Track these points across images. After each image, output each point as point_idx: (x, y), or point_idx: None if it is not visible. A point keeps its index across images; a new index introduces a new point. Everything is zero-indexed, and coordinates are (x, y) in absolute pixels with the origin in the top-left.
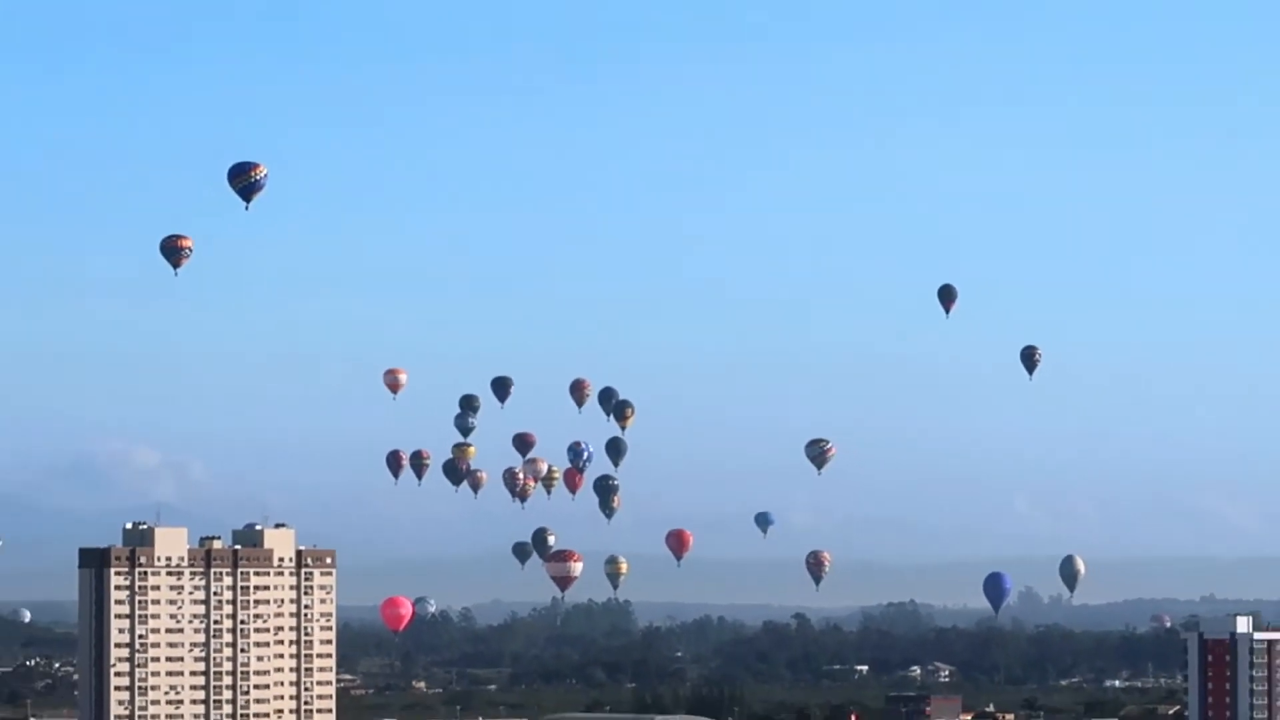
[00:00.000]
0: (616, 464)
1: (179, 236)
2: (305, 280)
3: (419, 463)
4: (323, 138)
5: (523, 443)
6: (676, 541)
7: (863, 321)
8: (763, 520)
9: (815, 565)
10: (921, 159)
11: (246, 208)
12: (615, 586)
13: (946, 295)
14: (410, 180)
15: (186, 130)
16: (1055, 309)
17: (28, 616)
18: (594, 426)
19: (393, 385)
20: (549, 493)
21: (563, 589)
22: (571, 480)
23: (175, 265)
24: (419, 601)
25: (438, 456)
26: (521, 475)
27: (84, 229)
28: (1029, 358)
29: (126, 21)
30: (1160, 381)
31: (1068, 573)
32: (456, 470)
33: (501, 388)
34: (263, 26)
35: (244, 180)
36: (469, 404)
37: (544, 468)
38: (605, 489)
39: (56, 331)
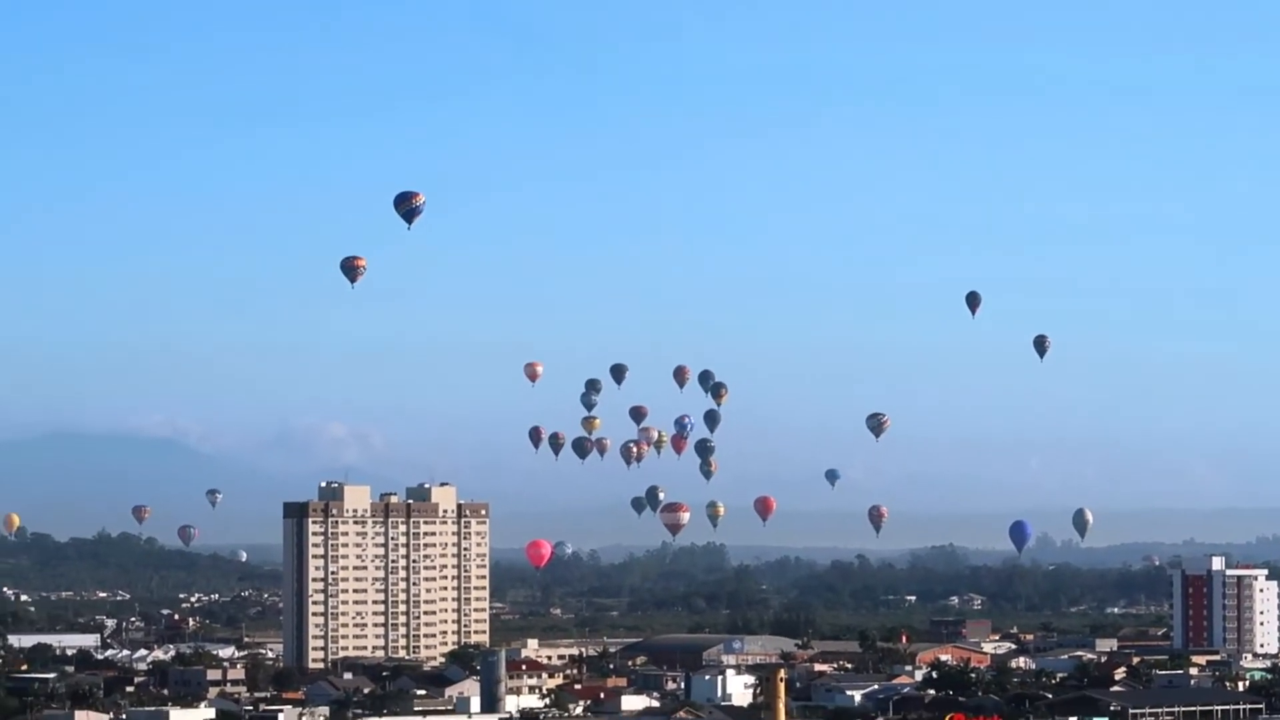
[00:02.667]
0: (713, 431)
1: (355, 257)
2: (458, 286)
3: (556, 442)
4: (468, 171)
5: (638, 414)
6: (763, 506)
7: (914, 317)
8: (831, 475)
9: (876, 517)
10: (970, 184)
11: (408, 228)
12: (714, 526)
13: (973, 300)
14: (535, 205)
15: (365, 167)
16: (1061, 304)
17: (245, 556)
18: (695, 402)
19: (531, 375)
20: (659, 453)
21: (673, 534)
22: (677, 444)
23: (352, 280)
24: (559, 545)
25: (569, 431)
26: (638, 441)
27: (283, 246)
28: (1040, 345)
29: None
30: (1150, 364)
31: (1079, 522)
32: (584, 448)
33: (618, 373)
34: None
35: (406, 206)
36: (592, 386)
37: (655, 434)
38: (704, 449)
39: (265, 332)
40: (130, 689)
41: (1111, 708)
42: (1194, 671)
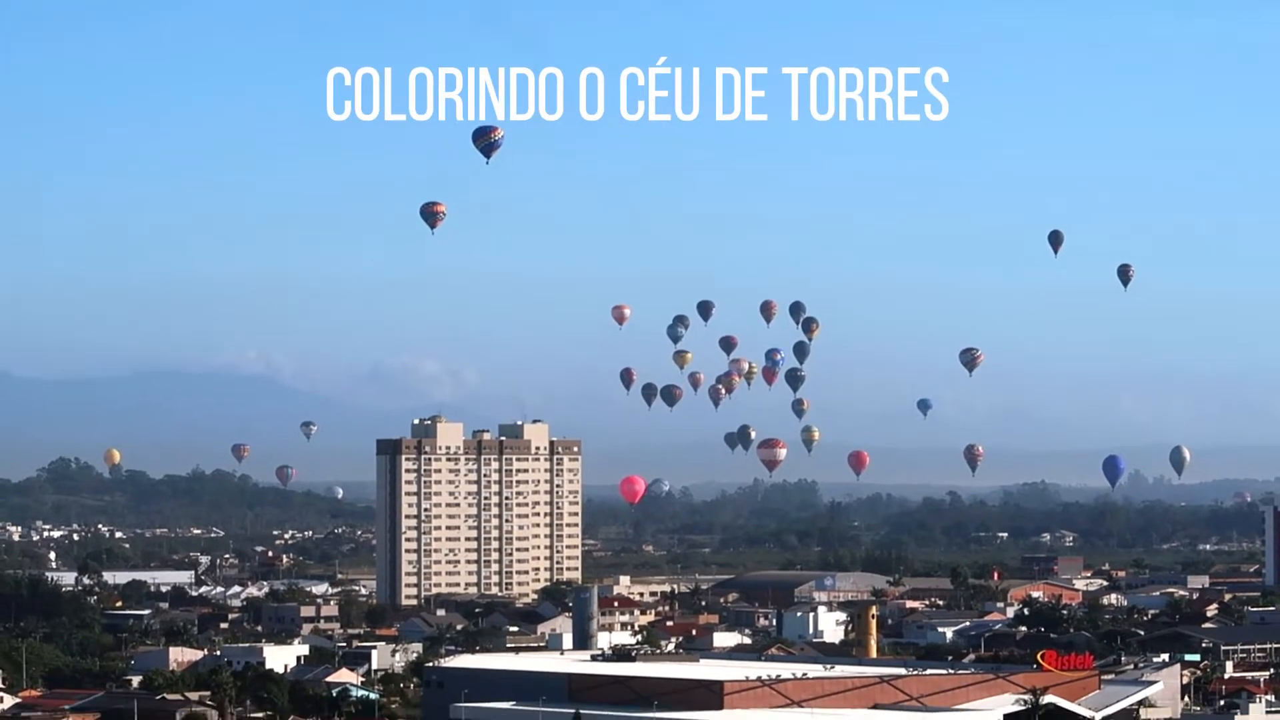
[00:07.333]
0: (802, 362)
1: (434, 203)
2: (549, 221)
3: (650, 392)
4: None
5: (728, 344)
6: (856, 460)
7: (1000, 255)
8: (924, 405)
9: (972, 456)
10: (1040, 135)
11: (486, 163)
12: (809, 451)
13: (1055, 239)
14: (620, 142)
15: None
16: (1150, 239)
17: (340, 493)
18: (783, 337)
19: (619, 318)
20: (749, 385)
21: (770, 470)
22: (768, 376)
23: (432, 226)
24: (654, 482)
25: (660, 365)
26: (728, 374)
27: (375, 182)
28: (1124, 274)
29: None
30: (1241, 299)
31: (1176, 459)
32: (673, 396)
33: (705, 310)
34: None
35: (484, 140)
36: (680, 321)
37: (746, 365)
38: (795, 379)
39: (359, 269)
40: (224, 625)
41: (1203, 644)
42: None
